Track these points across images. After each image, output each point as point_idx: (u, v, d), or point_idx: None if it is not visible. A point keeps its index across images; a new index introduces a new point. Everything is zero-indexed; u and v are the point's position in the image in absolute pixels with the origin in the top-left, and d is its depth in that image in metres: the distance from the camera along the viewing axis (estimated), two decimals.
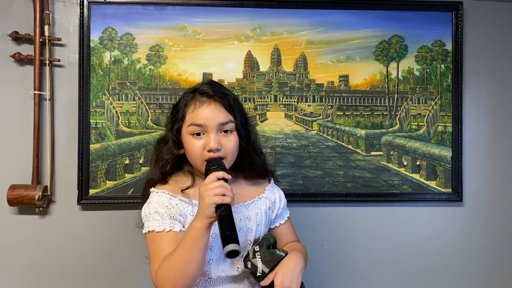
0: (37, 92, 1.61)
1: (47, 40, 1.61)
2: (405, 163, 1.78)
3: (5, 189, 1.57)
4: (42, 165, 1.65)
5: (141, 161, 1.68)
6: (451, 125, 1.78)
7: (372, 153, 1.77)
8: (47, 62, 1.62)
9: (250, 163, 1.22)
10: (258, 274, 1.08)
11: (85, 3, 1.64)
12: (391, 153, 1.77)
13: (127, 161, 1.68)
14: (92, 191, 1.66)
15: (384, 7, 1.75)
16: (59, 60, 1.65)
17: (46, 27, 1.61)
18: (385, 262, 1.80)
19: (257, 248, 1.12)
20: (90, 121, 1.66)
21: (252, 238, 1.18)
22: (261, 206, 1.22)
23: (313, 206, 1.76)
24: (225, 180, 1.03)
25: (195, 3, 1.69)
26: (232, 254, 0.93)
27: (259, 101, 1.76)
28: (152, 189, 1.17)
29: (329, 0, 1.73)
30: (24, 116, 1.64)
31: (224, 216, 0.97)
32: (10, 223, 1.65)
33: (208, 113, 1.10)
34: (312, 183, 1.74)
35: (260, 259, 1.09)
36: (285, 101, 1.77)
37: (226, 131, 1.13)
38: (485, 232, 1.83)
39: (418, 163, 1.78)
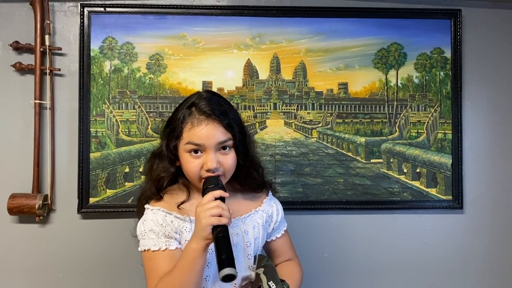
0: (37, 101, 1.62)
1: (47, 50, 1.63)
2: (405, 170, 1.77)
3: (6, 198, 1.58)
4: (43, 174, 1.65)
5: (141, 170, 1.68)
6: (451, 132, 1.78)
7: (372, 160, 1.77)
8: (48, 71, 1.63)
9: (247, 178, 1.19)
10: None
11: (85, 12, 1.66)
12: (391, 160, 1.77)
13: (127, 170, 1.69)
14: (92, 200, 1.66)
15: (382, 15, 1.76)
16: (59, 69, 1.66)
17: (46, 36, 1.63)
18: (386, 269, 1.79)
19: (272, 284, 1.08)
20: (90, 129, 1.67)
21: (251, 252, 1.16)
22: (258, 219, 1.20)
23: (313, 214, 1.75)
24: (223, 198, 1.01)
25: (195, 12, 1.70)
26: (228, 278, 0.90)
27: (259, 109, 1.76)
28: (146, 206, 1.15)
29: (327, 8, 1.74)
30: (25, 125, 1.65)
31: (220, 238, 0.95)
32: (10, 232, 1.66)
33: (207, 133, 1.07)
34: (312, 190, 1.74)
35: None
36: (284, 109, 1.77)
37: (224, 148, 1.10)
38: (486, 239, 1.82)
39: (418, 170, 1.78)
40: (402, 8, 1.76)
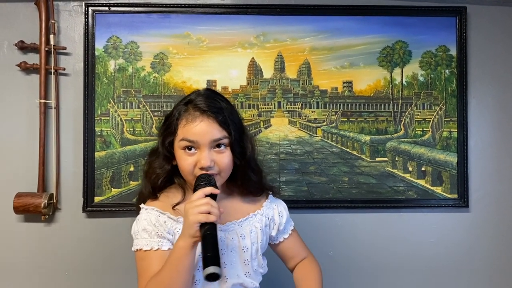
0: (42, 100, 1.62)
1: (52, 49, 1.63)
2: (410, 169, 1.77)
3: (11, 197, 1.58)
4: (48, 173, 1.66)
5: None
6: (456, 130, 1.77)
7: (377, 159, 1.77)
8: (53, 70, 1.64)
9: (244, 180, 1.15)
10: None
11: (90, 12, 1.66)
12: (396, 159, 1.77)
13: (132, 169, 1.69)
14: (97, 199, 1.66)
15: (387, 13, 1.75)
16: (64, 69, 1.66)
17: (51, 36, 1.63)
18: (391, 268, 1.78)
19: None
20: (95, 129, 1.67)
21: (249, 257, 1.12)
22: (256, 223, 1.16)
23: (318, 212, 1.75)
24: (214, 196, 0.97)
25: (199, 11, 1.70)
26: (212, 277, 0.86)
27: (263, 108, 1.76)
28: (141, 205, 1.12)
29: (332, 6, 1.73)
30: (30, 125, 1.65)
31: (207, 235, 0.91)
32: (16, 230, 1.66)
33: (201, 129, 1.04)
34: (317, 189, 1.74)
35: None
36: (289, 108, 1.77)
37: (219, 146, 1.06)
38: (491, 237, 1.81)
39: (423, 169, 1.77)
40: (407, 6, 1.75)
